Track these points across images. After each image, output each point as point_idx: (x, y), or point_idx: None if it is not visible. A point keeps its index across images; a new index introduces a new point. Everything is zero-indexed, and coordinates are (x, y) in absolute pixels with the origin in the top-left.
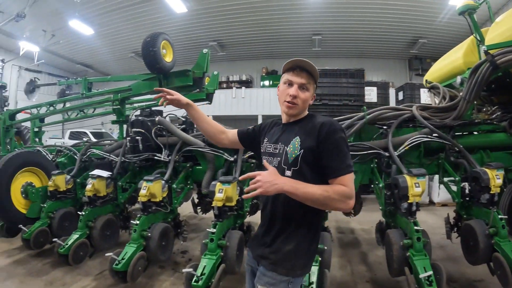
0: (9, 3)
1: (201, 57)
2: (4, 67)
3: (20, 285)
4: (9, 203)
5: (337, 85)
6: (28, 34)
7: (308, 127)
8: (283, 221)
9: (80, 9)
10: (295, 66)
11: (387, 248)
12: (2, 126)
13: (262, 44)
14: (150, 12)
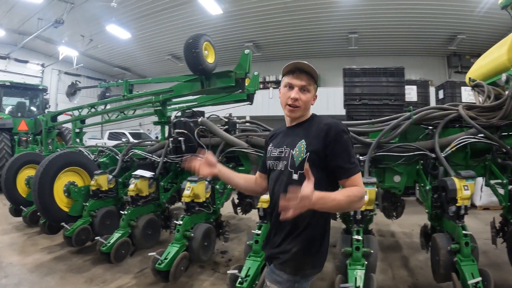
0: (47, 10)
1: (243, 57)
2: (44, 71)
3: (61, 281)
4: (52, 201)
5: (377, 84)
6: (67, 39)
7: (313, 129)
8: (292, 223)
9: (117, 14)
10: (295, 69)
11: (433, 252)
12: (44, 127)
13: (298, 44)
14: (185, 15)
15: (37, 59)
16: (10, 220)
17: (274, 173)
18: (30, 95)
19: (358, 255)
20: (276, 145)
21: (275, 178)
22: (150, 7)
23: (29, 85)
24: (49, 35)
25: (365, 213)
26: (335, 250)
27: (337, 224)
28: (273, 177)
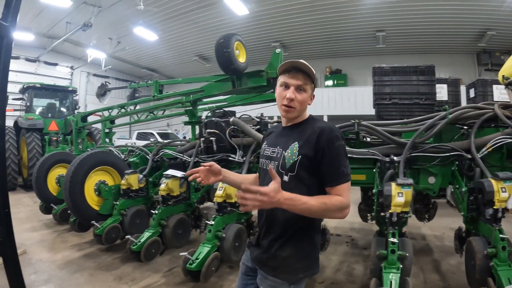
0: (75, 14)
1: (274, 56)
2: (73, 73)
3: (90, 278)
4: (83, 200)
5: (407, 83)
6: (95, 42)
7: (307, 132)
8: (281, 225)
9: (143, 16)
10: (291, 68)
11: (467, 256)
12: (74, 127)
13: (325, 43)
14: (212, 16)
15: (66, 62)
16: (40, 218)
17: (264, 172)
18: (60, 96)
19: (394, 258)
20: (270, 144)
21: (265, 178)
22: (177, 8)
23: (59, 87)
24: (77, 38)
25: (401, 215)
26: (366, 252)
27: (367, 226)
28: (263, 176)
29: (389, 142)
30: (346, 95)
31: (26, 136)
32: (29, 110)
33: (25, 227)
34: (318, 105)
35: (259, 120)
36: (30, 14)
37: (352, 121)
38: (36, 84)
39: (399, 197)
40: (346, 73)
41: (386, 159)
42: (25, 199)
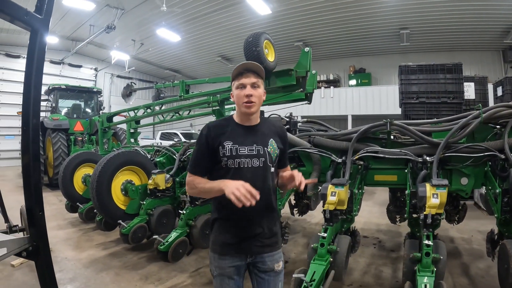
0: (99, 17)
1: (303, 55)
2: (98, 75)
3: (116, 277)
4: (109, 199)
5: (434, 82)
6: (119, 44)
7: (275, 129)
8: (267, 210)
9: (166, 17)
10: (243, 70)
11: (500, 260)
12: (100, 127)
13: (348, 42)
14: (234, 16)
15: (90, 64)
16: (65, 216)
17: (246, 169)
18: (85, 97)
19: (428, 261)
20: (240, 143)
21: (250, 175)
22: (199, 10)
23: (84, 88)
24: (101, 40)
25: (435, 217)
26: (393, 255)
27: (394, 227)
28: (245, 173)
29: (422, 142)
30: (370, 94)
31: (52, 136)
32: (55, 111)
33: (51, 225)
34: (342, 105)
35: (288, 120)
36: (54, 17)
37: (384, 121)
38: (61, 86)
39: (434, 198)
40: (370, 72)
41: (418, 159)
42: (50, 198)
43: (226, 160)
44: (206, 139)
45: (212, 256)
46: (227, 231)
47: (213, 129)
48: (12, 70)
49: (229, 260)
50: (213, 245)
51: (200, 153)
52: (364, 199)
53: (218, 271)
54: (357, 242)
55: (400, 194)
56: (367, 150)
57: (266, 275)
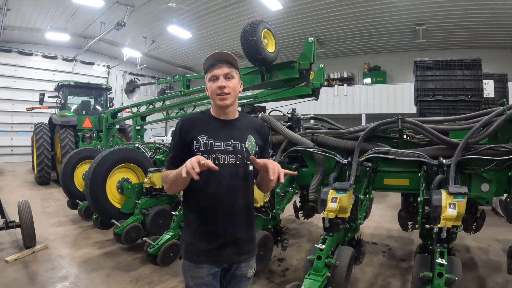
0: (109, 14)
1: (307, 46)
2: (110, 72)
3: (106, 278)
4: (104, 197)
5: (451, 78)
6: (130, 41)
7: (254, 125)
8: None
9: (176, 14)
10: (214, 61)
11: None
12: (105, 124)
13: (362, 39)
14: (245, 12)
15: (103, 61)
16: (67, 213)
17: (222, 166)
18: (94, 94)
19: (441, 283)
20: (216, 137)
21: (227, 172)
22: (209, 6)
23: (93, 85)
24: (112, 37)
25: (451, 230)
26: (404, 265)
27: (406, 234)
28: (222, 170)
29: (438, 142)
30: (385, 92)
31: (60, 132)
32: (64, 107)
33: (51, 222)
34: (356, 104)
35: (290, 116)
36: (65, 15)
37: (395, 117)
38: (70, 82)
39: (450, 208)
40: (385, 69)
41: (434, 162)
42: (56, 194)
43: (204, 155)
44: (180, 133)
45: (187, 265)
46: (204, 237)
47: (187, 122)
48: (24, 68)
49: (206, 268)
50: (187, 254)
51: (176, 148)
52: (376, 201)
53: (195, 281)
54: (362, 254)
55: (413, 199)
56: (375, 151)
57: (238, 281)
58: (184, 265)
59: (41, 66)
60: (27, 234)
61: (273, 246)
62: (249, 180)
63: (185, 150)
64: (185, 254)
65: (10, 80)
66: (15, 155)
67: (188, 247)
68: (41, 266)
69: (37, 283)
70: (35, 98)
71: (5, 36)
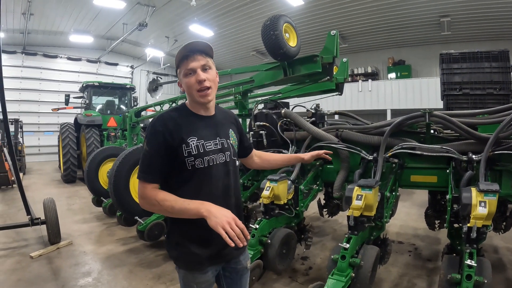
0: (131, 15)
1: (329, 39)
2: (134, 72)
3: (128, 274)
4: (127, 194)
5: (478, 71)
6: (153, 41)
7: (230, 118)
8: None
9: (198, 13)
10: (187, 52)
11: None
12: (128, 123)
13: (386, 32)
14: (266, 8)
15: (126, 61)
16: (92, 210)
17: (216, 167)
18: (119, 94)
19: (469, 286)
20: (205, 137)
21: (221, 173)
22: (230, 3)
23: (117, 85)
24: (135, 38)
25: (481, 230)
26: (430, 265)
27: (432, 233)
28: (216, 173)
29: (467, 137)
30: (410, 87)
31: (85, 132)
32: (89, 107)
33: (76, 219)
34: (381, 99)
35: (314, 112)
36: (87, 18)
37: (422, 111)
38: (94, 83)
39: (481, 207)
40: (409, 64)
41: (463, 157)
42: (82, 191)
43: (193, 160)
44: (164, 136)
45: (191, 276)
46: (205, 243)
47: (170, 122)
48: (50, 70)
49: (210, 272)
50: (190, 264)
51: (156, 154)
52: (402, 199)
53: (199, 286)
54: (388, 253)
55: (441, 197)
56: (402, 146)
57: (240, 275)
58: (186, 276)
59: (66, 68)
60: (52, 230)
61: (297, 244)
62: (237, 176)
63: (169, 156)
64: (186, 265)
65: (36, 83)
66: (42, 154)
67: (189, 257)
68: (65, 261)
69: (60, 278)
70: (60, 99)
71: (30, 40)
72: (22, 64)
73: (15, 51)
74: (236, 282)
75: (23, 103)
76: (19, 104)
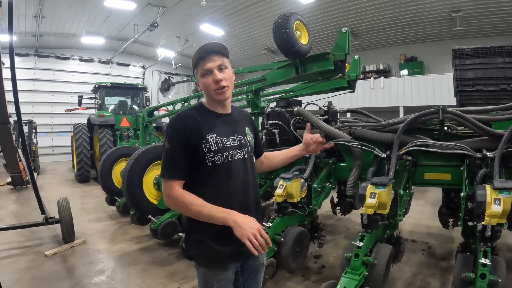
0: (142, 16)
1: (341, 36)
2: (146, 72)
3: (142, 272)
4: (141, 193)
5: (492, 67)
6: (164, 42)
7: (245, 116)
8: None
9: (208, 13)
10: (203, 54)
11: None
12: (141, 122)
13: (397, 29)
14: (276, 7)
15: (138, 62)
16: (106, 209)
17: (235, 163)
18: (131, 94)
19: (483, 285)
20: (224, 134)
21: (240, 169)
22: (240, 2)
23: (129, 85)
24: (146, 39)
25: (496, 228)
26: (443, 264)
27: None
28: (235, 168)
29: (481, 134)
30: (423, 84)
31: (99, 132)
32: (101, 108)
33: (90, 218)
34: (393, 96)
35: (326, 110)
36: (99, 20)
37: (436, 108)
38: (107, 84)
39: (495, 205)
40: (422, 60)
41: (477, 154)
42: (95, 191)
43: (212, 156)
44: (184, 133)
45: (212, 273)
46: (225, 240)
47: (190, 120)
48: (62, 71)
49: (230, 269)
50: (211, 262)
51: (178, 151)
52: (415, 197)
53: (220, 283)
54: (401, 252)
55: (455, 195)
56: (416, 143)
57: (256, 271)
58: (207, 274)
59: (78, 69)
60: (66, 229)
61: (310, 243)
62: (255, 173)
63: (190, 153)
64: (207, 263)
65: (49, 84)
66: (56, 154)
67: (210, 255)
68: (79, 260)
69: (74, 276)
70: (73, 100)
71: (42, 43)
72: (35, 66)
73: (28, 54)
74: (252, 278)
75: (36, 104)
76: (33, 105)
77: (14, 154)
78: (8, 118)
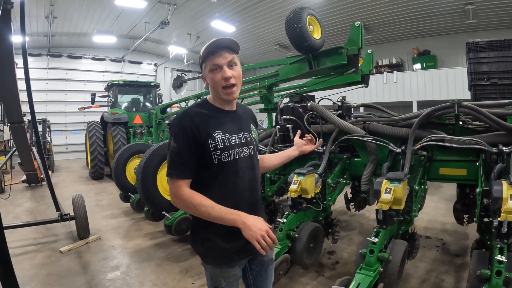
0: (153, 14)
1: (354, 31)
2: (158, 70)
3: (156, 268)
4: (155, 190)
5: (507, 60)
6: (175, 39)
7: (249, 114)
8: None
9: (219, 9)
10: (213, 48)
11: None
12: (154, 119)
13: (410, 22)
14: (287, 1)
15: (150, 60)
16: (120, 205)
17: (241, 161)
18: (143, 91)
19: (499, 282)
20: (230, 132)
21: (246, 166)
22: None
23: (141, 83)
24: (158, 36)
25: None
26: (458, 261)
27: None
28: (241, 166)
29: (497, 128)
30: (436, 78)
31: (112, 129)
32: (114, 105)
33: (105, 214)
34: (407, 90)
35: (340, 105)
36: (110, 18)
37: (451, 102)
38: (119, 82)
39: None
40: (435, 54)
41: (493, 149)
42: (109, 188)
43: (219, 154)
44: (191, 131)
45: (219, 271)
46: (233, 237)
47: (196, 118)
48: (75, 70)
49: (237, 266)
50: (219, 260)
51: (186, 150)
52: (429, 193)
53: (228, 280)
54: (416, 248)
55: (470, 191)
56: (431, 138)
57: (266, 267)
58: (214, 271)
59: (90, 68)
60: (81, 226)
61: (324, 239)
62: (259, 169)
63: (197, 151)
64: (214, 261)
65: (62, 83)
66: (70, 152)
67: (217, 252)
68: (93, 256)
69: (89, 272)
70: (86, 98)
71: (55, 42)
72: (48, 66)
73: (40, 54)
74: (262, 273)
75: (50, 103)
76: (46, 104)
77: (29, 153)
78: (22, 118)
